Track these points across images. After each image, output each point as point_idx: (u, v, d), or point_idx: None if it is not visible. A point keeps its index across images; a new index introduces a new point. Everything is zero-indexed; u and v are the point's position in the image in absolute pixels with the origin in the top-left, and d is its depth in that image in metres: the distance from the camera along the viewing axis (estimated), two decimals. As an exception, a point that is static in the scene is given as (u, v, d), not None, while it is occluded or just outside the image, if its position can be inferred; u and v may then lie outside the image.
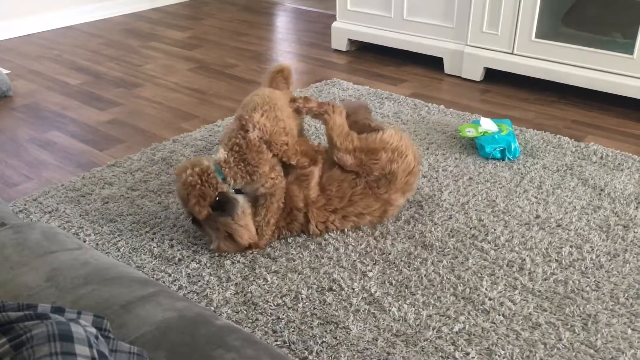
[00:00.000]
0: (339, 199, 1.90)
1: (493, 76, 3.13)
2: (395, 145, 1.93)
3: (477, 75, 3.15)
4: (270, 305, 1.64)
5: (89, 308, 0.96)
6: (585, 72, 2.79)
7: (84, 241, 1.91)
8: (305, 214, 1.89)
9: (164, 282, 1.73)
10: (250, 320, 1.59)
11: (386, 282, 1.72)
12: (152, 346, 0.90)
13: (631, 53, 2.65)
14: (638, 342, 1.50)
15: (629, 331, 1.53)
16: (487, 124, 2.44)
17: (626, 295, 1.66)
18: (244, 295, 1.68)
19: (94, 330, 0.77)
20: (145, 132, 2.68)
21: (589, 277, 1.73)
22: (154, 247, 1.88)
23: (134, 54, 3.71)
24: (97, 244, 1.90)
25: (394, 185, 1.92)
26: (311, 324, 1.57)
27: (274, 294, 1.69)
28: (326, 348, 1.50)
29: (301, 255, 1.84)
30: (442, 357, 1.47)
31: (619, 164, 2.31)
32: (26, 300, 1.00)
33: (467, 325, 1.56)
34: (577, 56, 2.80)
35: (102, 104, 2.99)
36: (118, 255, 1.85)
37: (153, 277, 1.75)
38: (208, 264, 1.81)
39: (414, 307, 1.62)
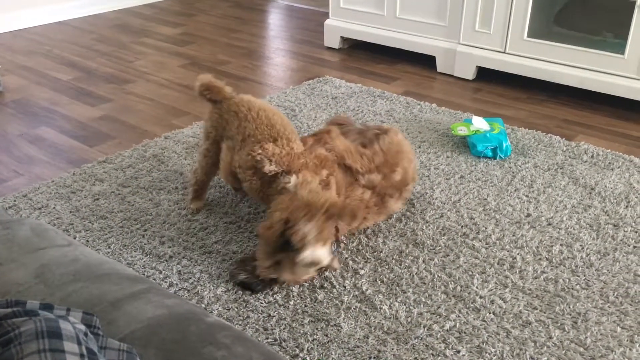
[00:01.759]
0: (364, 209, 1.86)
1: (485, 75, 3.14)
2: (408, 149, 1.96)
3: (470, 74, 3.16)
4: (262, 303, 1.64)
5: (78, 305, 0.96)
6: (577, 72, 2.81)
7: (74, 238, 1.89)
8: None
9: (154, 279, 1.73)
10: (241, 318, 1.59)
11: (377, 280, 1.72)
12: (141, 343, 0.89)
13: (622, 53, 2.67)
14: (627, 340, 1.51)
15: (618, 329, 1.54)
16: (479, 123, 2.45)
17: (616, 293, 1.67)
18: (235, 292, 1.68)
19: (83, 327, 0.76)
20: (136, 129, 2.66)
21: (579, 276, 1.73)
22: (145, 244, 1.87)
23: (125, 50, 3.69)
24: (87, 241, 1.89)
25: (403, 194, 1.96)
26: (302, 321, 1.57)
27: (266, 291, 1.68)
28: (317, 346, 1.50)
29: (292, 253, 1.83)
30: (432, 354, 1.47)
31: (610, 163, 2.32)
32: (15, 296, 0.99)
33: (457, 323, 1.56)
34: (569, 55, 2.81)
35: (93, 99, 2.97)
36: (108, 252, 1.84)
37: (144, 274, 1.74)
38: (199, 261, 1.80)
39: (405, 305, 1.63)
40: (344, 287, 1.70)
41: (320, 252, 1.61)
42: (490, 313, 1.60)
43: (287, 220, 1.58)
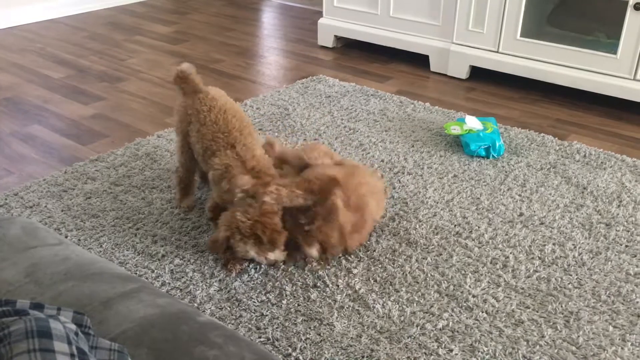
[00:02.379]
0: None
1: (478, 74, 3.15)
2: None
3: (463, 73, 3.16)
4: (254, 302, 1.64)
5: (69, 304, 0.95)
6: (569, 71, 2.81)
7: (66, 237, 1.88)
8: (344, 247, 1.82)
9: (146, 278, 1.72)
10: (234, 317, 1.58)
11: (370, 279, 1.72)
12: (133, 343, 0.89)
13: (614, 53, 2.68)
14: (619, 339, 1.52)
15: (610, 328, 1.55)
16: (472, 122, 2.45)
17: (608, 292, 1.67)
18: (228, 291, 1.67)
19: (73, 327, 0.75)
20: (129, 127, 2.65)
21: (571, 275, 1.74)
22: (137, 243, 1.86)
23: (118, 48, 3.67)
24: (79, 240, 1.88)
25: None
26: (295, 320, 1.57)
27: (258, 290, 1.68)
28: (310, 345, 1.50)
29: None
30: (425, 353, 1.47)
31: (602, 162, 2.33)
32: (5, 296, 0.98)
33: (450, 322, 1.56)
34: (562, 55, 2.82)
35: (86, 98, 2.95)
36: (100, 251, 1.83)
37: (136, 274, 1.73)
38: (192, 260, 1.79)
39: (398, 304, 1.63)
40: (337, 286, 1.69)
41: (271, 256, 1.73)
42: (483, 312, 1.60)
43: (229, 237, 1.71)
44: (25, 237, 1.14)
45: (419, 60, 3.32)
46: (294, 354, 1.47)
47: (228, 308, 1.61)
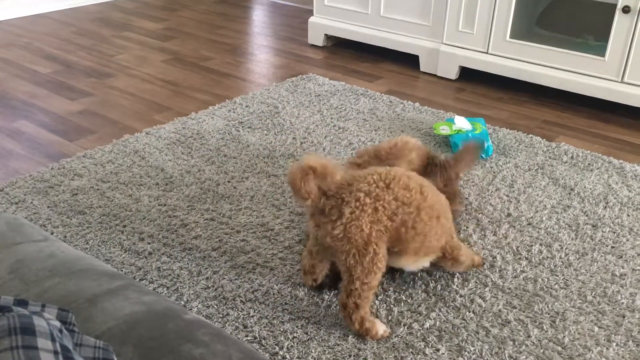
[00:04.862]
0: None
1: (468, 75, 3.16)
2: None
3: (452, 74, 3.17)
4: (242, 300, 1.63)
5: (54, 301, 0.94)
6: (558, 73, 2.83)
7: (52, 233, 1.87)
8: None
9: (133, 275, 1.71)
10: (221, 315, 1.58)
11: (358, 278, 1.71)
12: (118, 340, 0.88)
13: (603, 55, 2.70)
14: (604, 340, 1.53)
15: (596, 329, 1.56)
16: (461, 122, 2.46)
17: (593, 293, 1.68)
18: (215, 289, 1.67)
19: (57, 324, 0.74)
20: (117, 124, 2.63)
21: (557, 275, 1.75)
22: (124, 240, 1.85)
23: (106, 44, 3.65)
24: (65, 236, 1.86)
25: None
26: (282, 319, 1.57)
27: (245, 288, 1.67)
28: (297, 343, 1.49)
29: (273, 250, 1.83)
30: (412, 353, 1.47)
31: (589, 164, 2.34)
32: (-12, 292, 0.97)
33: (437, 322, 1.57)
34: (550, 57, 2.83)
35: (73, 93, 2.93)
36: (86, 248, 1.81)
37: (122, 271, 1.72)
38: (179, 258, 1.78)
39: (385, 303, 1.63)
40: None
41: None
42: (470, 312, 1.60)
43: None
44: (10, 233, 1.13)
45: (409, 60, 3.33)
46: (281, 352, 1.46)
47: (215, 306, 1.61)
